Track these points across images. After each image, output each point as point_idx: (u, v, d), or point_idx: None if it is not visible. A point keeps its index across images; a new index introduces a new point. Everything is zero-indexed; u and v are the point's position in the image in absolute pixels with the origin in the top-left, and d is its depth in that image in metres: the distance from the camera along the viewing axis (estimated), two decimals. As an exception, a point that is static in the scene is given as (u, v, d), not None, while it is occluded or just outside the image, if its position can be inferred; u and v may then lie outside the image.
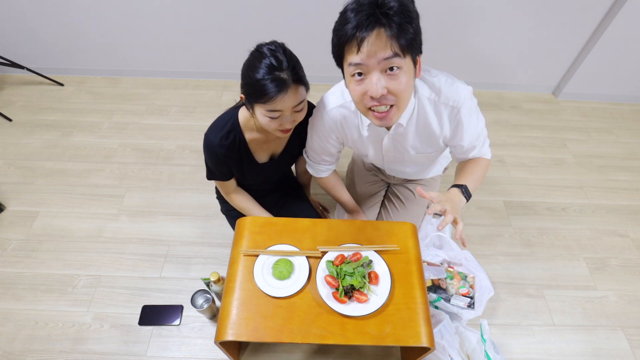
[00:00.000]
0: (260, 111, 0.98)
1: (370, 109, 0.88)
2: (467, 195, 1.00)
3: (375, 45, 0.77)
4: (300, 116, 1.03)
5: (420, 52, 0.85)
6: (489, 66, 2.31)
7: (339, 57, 0.86)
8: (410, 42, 0.78)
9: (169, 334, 1.37)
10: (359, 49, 0.79)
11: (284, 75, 0.92)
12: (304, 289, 1.01)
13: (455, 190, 0.99)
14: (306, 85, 0.99)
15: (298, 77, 0.95)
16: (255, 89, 0.94)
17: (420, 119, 1.02)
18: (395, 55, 0.78)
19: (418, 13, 0.81)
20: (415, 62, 0.85)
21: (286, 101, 0.94)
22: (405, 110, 0.97)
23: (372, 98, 0.84)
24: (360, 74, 0.83)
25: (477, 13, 2.02)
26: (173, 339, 1.36)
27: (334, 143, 1.17)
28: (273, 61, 0.92)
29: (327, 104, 1.08)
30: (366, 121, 1.06)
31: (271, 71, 0.91)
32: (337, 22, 0.83)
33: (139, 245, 1.61)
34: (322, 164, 1.27)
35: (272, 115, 0.97)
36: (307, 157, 1.28)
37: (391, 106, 0.87)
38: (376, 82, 0.82)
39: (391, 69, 0.80)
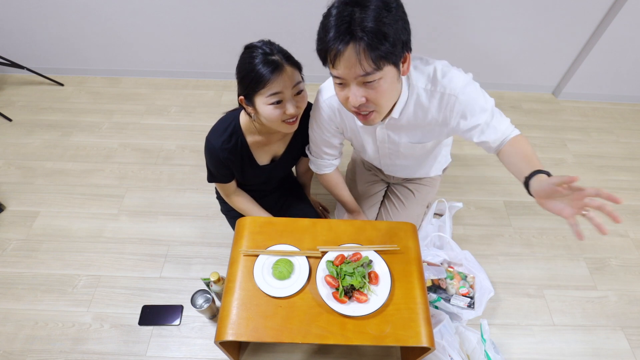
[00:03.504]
0: (262, 102, 0.98)
1: (354, 111, 0.92)
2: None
3: (350, 61, 0.77)
4: (303, 102, 1.04)
5: (409, 50, 0.83)
6: (489, 66, 2.31)
7: (323, 61, 0.86)
8: (388, 54, 0.77)
9: (169, 334, 1.37)
10: (334, 64, 0.80)
11: (275, 57, 0.95)
12: (304, 289, 1.01)
13: (543, 176, 0.83)
14: (300, 70, 1.01)
15: (289, 57, 0.98)
16: (251, 78, 0.96)
17: (416, 110, 1.01)
18: (370, 72, 0.78)
19: (401, 7, 0.78)
20: (398, 64, 0.83)
21: (283, 81, 0.95)
22: (398, 103, 0.98)
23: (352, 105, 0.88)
24: (340, 82, 0.85)
25: (477, 13, 2.02)
26: (173, 339, 1.36)
27: (333, 132, 1.17)
28: (262, 50, 0.96)
29: (325, 92, 1.09)
30: None
31: (263, 57, 0.94)
32: (320, 25, 0.82)
33: (139, 245, 1.61)
34: (324, 159, 1.26)
35: (274, 100, 0.97)
36: (310, 152, 1.27)
37: (371, 111, 0.90)
38: (354, 93, 0.84)
39: (369, 81, 0.81)
